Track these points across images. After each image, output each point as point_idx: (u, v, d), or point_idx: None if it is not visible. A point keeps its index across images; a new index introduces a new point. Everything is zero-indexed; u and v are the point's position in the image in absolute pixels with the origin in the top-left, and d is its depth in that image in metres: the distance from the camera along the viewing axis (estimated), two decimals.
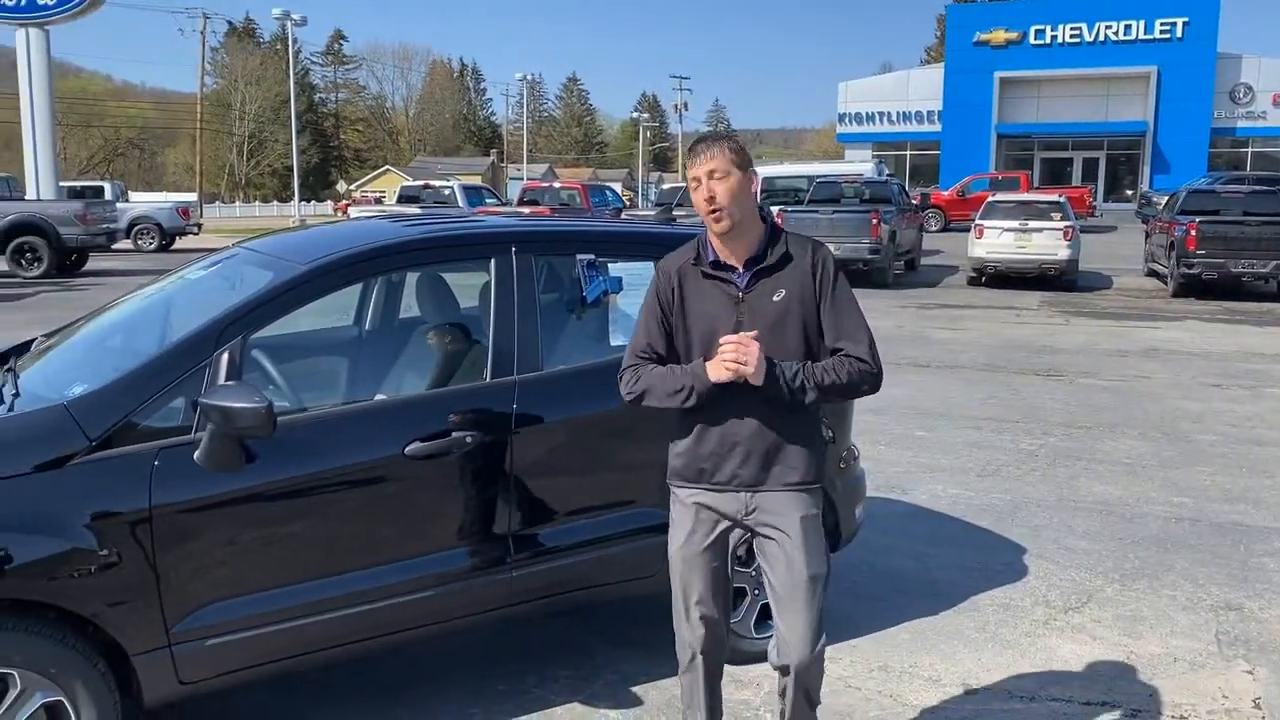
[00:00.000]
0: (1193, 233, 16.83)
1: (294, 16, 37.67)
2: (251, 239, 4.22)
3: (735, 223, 2.77)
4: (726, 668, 4.02)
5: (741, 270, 2.82)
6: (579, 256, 3.73)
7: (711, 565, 2.95)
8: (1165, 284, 18.34)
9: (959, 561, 5.25)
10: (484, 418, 3.41)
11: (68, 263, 21.34)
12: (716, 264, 2.84)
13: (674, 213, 5.30)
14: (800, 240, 2.89)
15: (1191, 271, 16.98)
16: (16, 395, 3.24)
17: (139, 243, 28.40)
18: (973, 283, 19.40)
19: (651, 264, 3.90)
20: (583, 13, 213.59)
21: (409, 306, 4.41)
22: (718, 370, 2.73)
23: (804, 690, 2.92)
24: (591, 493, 3.66)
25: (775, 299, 2.80)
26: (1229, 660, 4.19)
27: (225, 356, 3.08)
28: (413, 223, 4.00)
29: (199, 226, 30.53)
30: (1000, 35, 45.80)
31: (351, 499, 3.26)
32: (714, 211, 2.75)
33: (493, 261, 3.61)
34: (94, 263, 22.70)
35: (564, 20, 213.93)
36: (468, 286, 4.15)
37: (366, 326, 4.40)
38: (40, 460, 2.86)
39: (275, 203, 72.76)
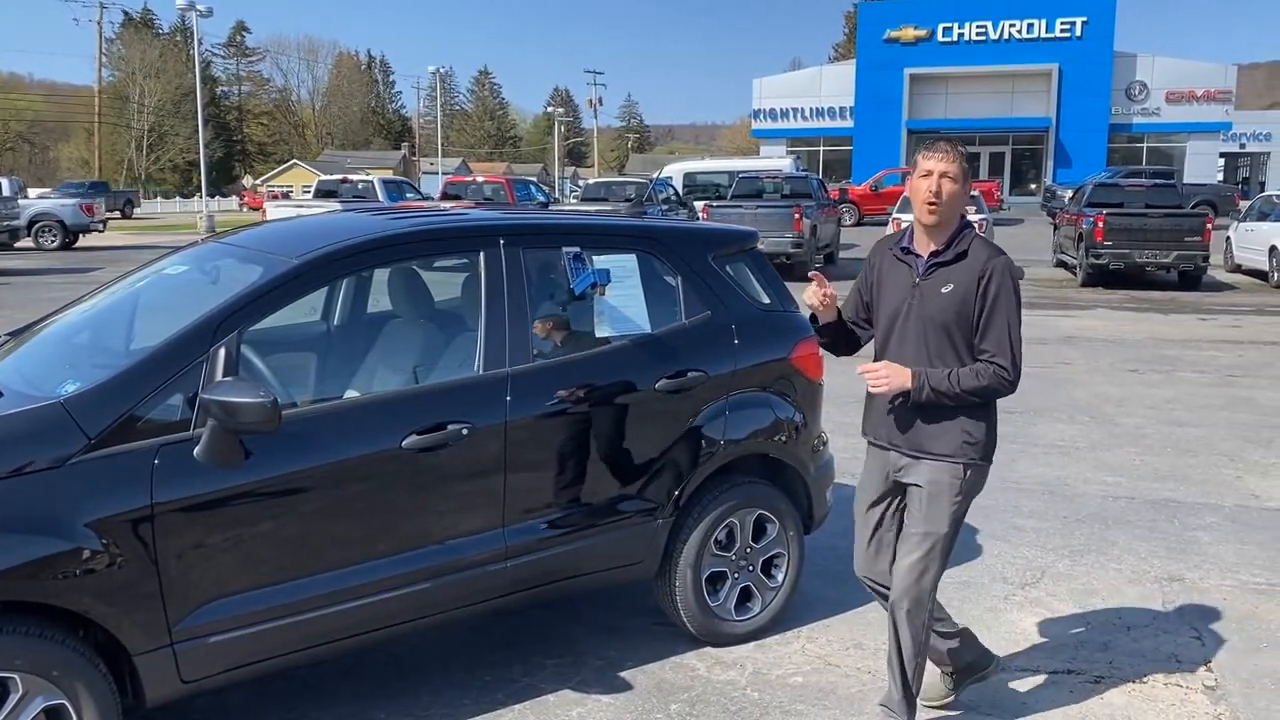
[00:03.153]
0: (1100, 225, 17.52)
1: (199, 7, 36.44)
2: (224, 234, 4.15)
3: (942, 220, 3.13)
4: (709, 650, 4.14)
5: (925, 259, 3.16)
6: (565, 249, 3.75)
7: None
8: (1074, 274, 19.02)
9: None
10: (479, 410, 3.44)
11: None
12: (906, 250, 3.24)
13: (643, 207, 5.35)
14: (984, 246, 3.17)
15: (1100, 262, 17.68)
16: None
17: (40, 241, 27.27)
18: None
19: (634, 256, 3.99)
20: (494, 5, 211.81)
21: (377, 301, 4.38)
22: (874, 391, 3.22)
23: (893, 622, 3.29)
24: (582, 482, 3.70)
25: (944, 290, 3.13)
26: (1177, 628, 4.43)
27: (222, 351, 3.05)
28: (396, 216, 3.99)
29: (104, 224, 29.42)
30: (909, 33, 46.87)
31: (351, 493, 3.25)
32: (932, 204, 3.10)
33: (482, 254, 3.62)
34: None
35: (475, 13, 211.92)
36: (435, 282, 4.16)
37: (337, 321, 4.36)
38: (39, 458, 2.80)
39: (178, 198, 70.63)
